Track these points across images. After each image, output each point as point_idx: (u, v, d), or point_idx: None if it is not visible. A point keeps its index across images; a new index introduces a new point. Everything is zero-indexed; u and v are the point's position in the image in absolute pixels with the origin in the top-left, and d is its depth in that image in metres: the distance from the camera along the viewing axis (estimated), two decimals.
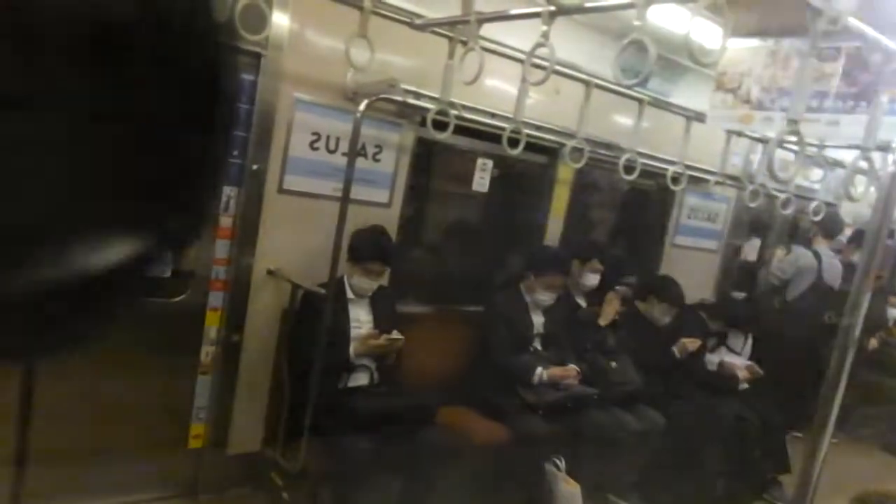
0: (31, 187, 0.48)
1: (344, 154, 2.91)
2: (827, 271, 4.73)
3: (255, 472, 3.03)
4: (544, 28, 2.12)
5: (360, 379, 2.93)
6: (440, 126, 2.74)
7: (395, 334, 2.90)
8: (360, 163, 2.98)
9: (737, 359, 4.16)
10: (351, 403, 2.80)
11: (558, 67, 2.28)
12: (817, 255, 4.73)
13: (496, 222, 4.01)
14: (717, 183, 4.03)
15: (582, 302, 3.85)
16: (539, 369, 3.29)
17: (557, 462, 3.14)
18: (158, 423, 2.89)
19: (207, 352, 2.93)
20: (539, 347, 3.49)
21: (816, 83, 2.32)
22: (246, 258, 2.88)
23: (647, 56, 1.76)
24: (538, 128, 3.30)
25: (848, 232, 5.14)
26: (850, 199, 2.40)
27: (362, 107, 2.72)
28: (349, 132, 2.78)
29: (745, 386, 4.06)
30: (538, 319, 3.51)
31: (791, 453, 3.96)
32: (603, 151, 3.62)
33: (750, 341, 4.33)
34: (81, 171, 0.50)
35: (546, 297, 3.47)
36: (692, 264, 4.69)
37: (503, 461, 3.12)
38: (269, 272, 2.92)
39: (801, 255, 4.79)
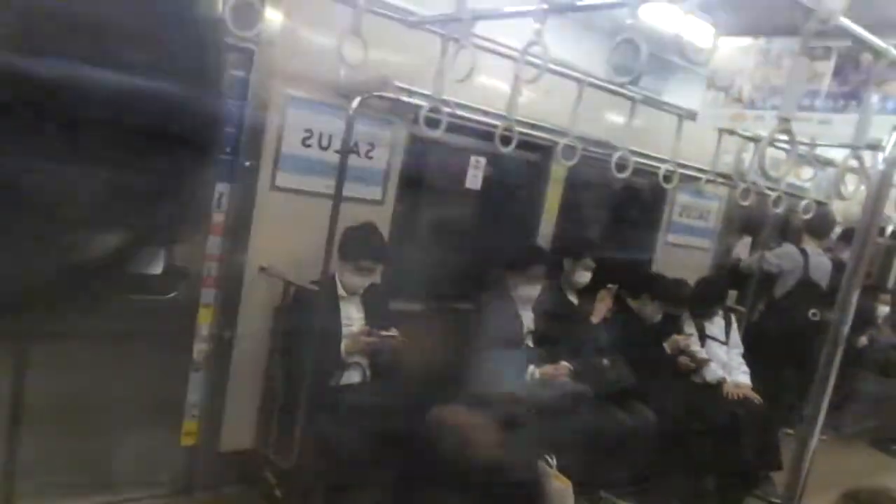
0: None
1: (336, 151, 2.90)
2: (814, 269, 4.75)
3: (248, 469, 3.03)
4: (537, 26, 2.12)
5: (353, 376, 2.93)
6: (433, 123, 2.74)
7: (392, 332, 2.89)
8: (353, 160, 2.97)
9: (721, 349, 4.16)
10: (343, 401, 2.80)
11: (551, 66, 2.28)
12: (804, 253, 4.75)
13: (489, 220, 4.01)
14: (709, 181, 4.04)
15: (574, 299, 3.85)
16: (531, 367, 3.29)
17: (549, 459, 3.14)
18: (150, 421, 2.88)
19: (199, 349, 2.93)
20: (531, 345, 3.50)
21: (808, 82, 2.32)
22: (238, 255, 2.87)
23: (639, 54, 1.77)
24: (531, 126, 3.30)
25: (838, 230, 5.17)
26: (841, 197, 2.42)
27: (355, 104, 2.72)
28: (342, 129, 2.78)
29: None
30: (527, 316, 3.52)
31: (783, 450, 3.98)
32: (595, 149, 3.62)
33: (735, 328, 4.34)
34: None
35: (530, 291, 3.47)
36: (684, 262, 4.70)
37: (495, 459, 3.12)
38: (262, 269, 2.91)
39: (788, 252, 4.81)
